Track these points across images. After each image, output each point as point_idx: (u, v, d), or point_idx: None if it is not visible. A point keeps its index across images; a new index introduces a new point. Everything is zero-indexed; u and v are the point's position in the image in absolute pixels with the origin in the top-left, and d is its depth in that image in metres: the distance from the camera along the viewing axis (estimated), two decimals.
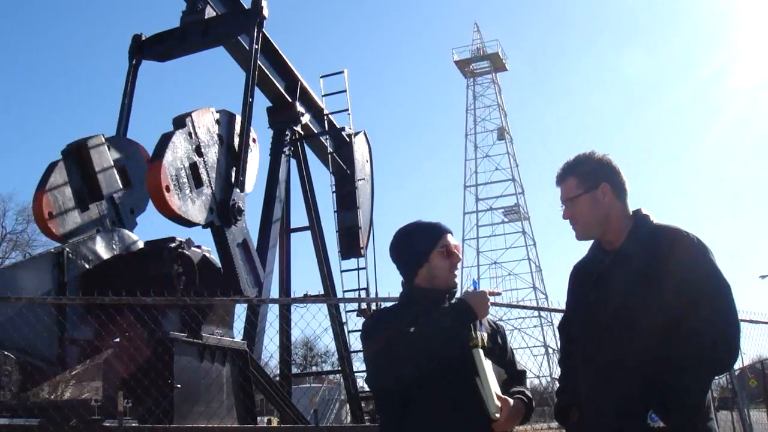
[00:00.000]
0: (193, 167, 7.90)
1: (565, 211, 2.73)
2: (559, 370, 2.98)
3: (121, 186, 8.71)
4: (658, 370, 2.37)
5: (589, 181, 2.67)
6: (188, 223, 7.84)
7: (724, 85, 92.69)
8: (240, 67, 9.78)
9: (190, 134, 7.96)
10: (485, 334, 2.67)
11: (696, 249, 2.51)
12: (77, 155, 8.27)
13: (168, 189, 7.35)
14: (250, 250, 8.78)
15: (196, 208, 7.85)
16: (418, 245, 2.77)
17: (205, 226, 8.18)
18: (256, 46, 9.25)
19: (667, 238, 2.55)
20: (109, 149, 8.67)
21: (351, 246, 12.11)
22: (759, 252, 71.77)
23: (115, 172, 8.69)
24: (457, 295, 2.83)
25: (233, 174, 8.53)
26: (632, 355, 2.43)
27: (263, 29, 9.52)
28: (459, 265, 2.81)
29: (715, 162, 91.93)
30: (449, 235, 2.78)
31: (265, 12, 9.44)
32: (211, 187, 8.21)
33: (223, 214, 8.30)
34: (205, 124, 8.31)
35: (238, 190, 8.50)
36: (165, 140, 7.60)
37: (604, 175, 2.69)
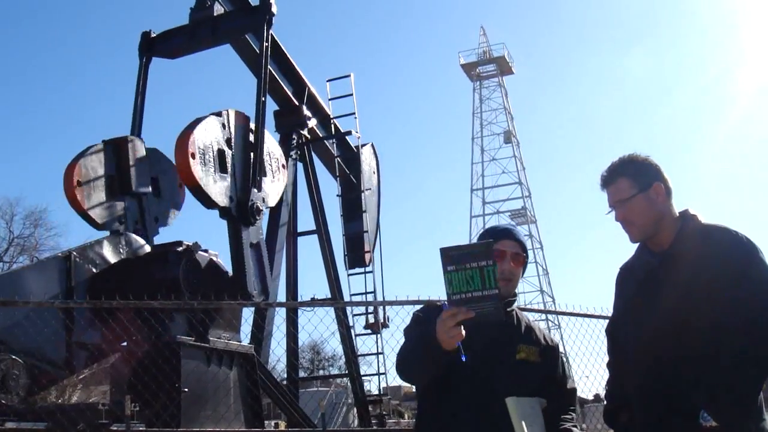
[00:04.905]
0: (221, 154, 8.12)
1: (617, 213, 2.71)
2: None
3: (150, 191, 8.78)
4: (709, 370, 2.35)
5: (642, 182, 2.67)
6: (208, 200, 7.91)
7: (730, 85, 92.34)
8: (249, 68, 9.75)
9: (223, 125, 8.31)
10: (533, 347, 2.67)
11: (746, 248, 2.50)
12: (116, 146, 8.44)
13: (193, 156, 7.60)
14: (261, 254, 8.78)
15: (217, 188, 8.01)
16: None
17: (223, 214, 8.26)
18: (267, 44, 9.17)
19: (717, 237, 2.55)
20: (147, 157, 8.81)
21: (356, 257, 12.11)
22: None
23: (149, 177, 8.80)
24: (517, 305, 2.82)
25: (251, 174, 8.58)
26: (683, 355, 2.41)
27: (272, 32, 9.43)
28: (511, 272, 2.69)
29: (721, 163, 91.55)
30: (503, 241, 2.69)
31: (274, 9, 9.37)
32: (235, 180, 8.33)
33: (241, 211, 8.35)
34: (239, 123, 8.58)
35: (256, 191, 8.54)
36: (199, 119, 7.98)
37: (656, 175, 2.69)
